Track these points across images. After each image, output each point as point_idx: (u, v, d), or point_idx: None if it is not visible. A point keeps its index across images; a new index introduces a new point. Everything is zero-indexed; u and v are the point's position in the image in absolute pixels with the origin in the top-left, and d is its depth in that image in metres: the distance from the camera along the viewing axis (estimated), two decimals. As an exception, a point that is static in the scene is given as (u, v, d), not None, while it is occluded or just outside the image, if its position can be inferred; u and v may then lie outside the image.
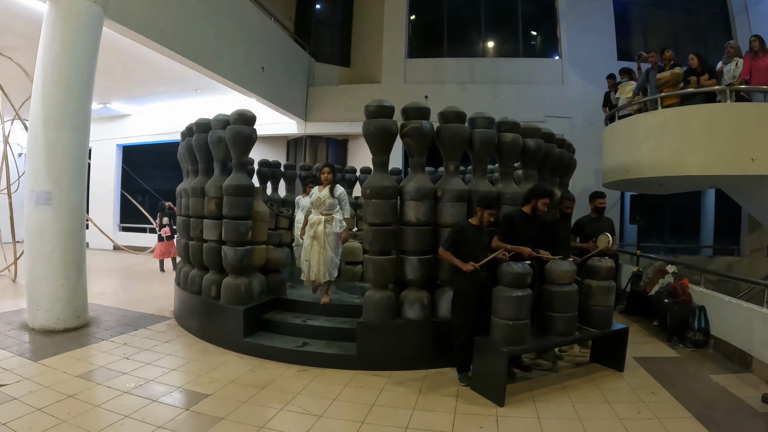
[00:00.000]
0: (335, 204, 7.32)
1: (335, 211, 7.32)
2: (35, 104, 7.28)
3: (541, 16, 16.51)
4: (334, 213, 7.31)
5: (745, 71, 8.92)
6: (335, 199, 7.30)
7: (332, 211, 7.30)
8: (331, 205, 7.28)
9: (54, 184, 7.22)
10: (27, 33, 8.96)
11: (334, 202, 7.31)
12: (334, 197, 7.28)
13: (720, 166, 8.82)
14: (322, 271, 7.17)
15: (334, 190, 7.31)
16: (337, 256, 7.43)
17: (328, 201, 7.26)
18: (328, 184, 7.30)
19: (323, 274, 7.18)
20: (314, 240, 7.22)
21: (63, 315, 7.27)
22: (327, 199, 7.25)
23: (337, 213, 7.33)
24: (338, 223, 7.33)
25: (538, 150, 7.04)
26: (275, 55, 14.28)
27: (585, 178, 13.51)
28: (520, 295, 5.18)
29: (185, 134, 8.23)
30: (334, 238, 7.27)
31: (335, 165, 9.18)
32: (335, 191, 7.31)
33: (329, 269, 7.22)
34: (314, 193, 7.42)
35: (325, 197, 7.26)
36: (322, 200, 7.27)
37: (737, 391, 5.56)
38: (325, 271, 7.19)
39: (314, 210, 7.37)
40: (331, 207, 7.29)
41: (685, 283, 7.93)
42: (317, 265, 7.18)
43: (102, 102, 16.26)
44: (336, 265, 7.41)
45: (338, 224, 7.33)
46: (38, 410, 4.57)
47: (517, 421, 4.78)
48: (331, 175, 7.30)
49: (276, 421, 4.63)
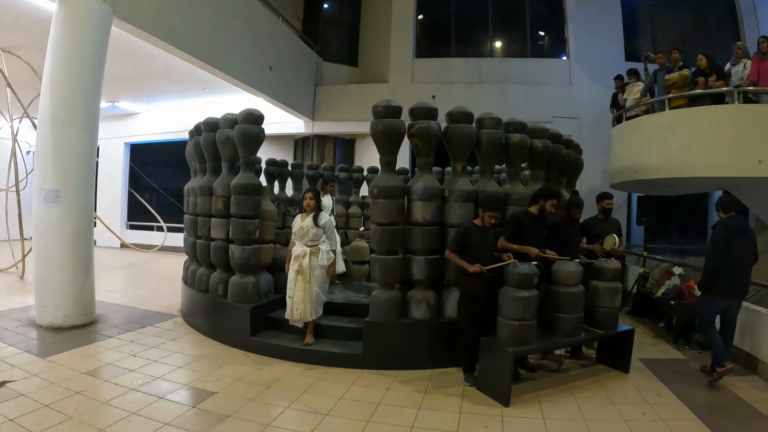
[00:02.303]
0: (320, 234, 6.62)
1: (321, 242, 6.64)
2: (44, 102, 7.32)
3: (549, 17, 16.45)
4: (320, 243, 6.62)
5: (753, 73, 8.88)
6: (320, 229, 6.60)
7: (317, 242, 6.61)
8: (315, 235, 6.59)
9: (62, 182, 7.27)
10: (36, 32, 9.00)
11: (319, 232, 6.60)
12: (318, 226, 6.58)
13: (727, 168, 8.78)
14: (308, 309, 6.46)
15: (318, 219, 6.60)
16: (324, 293, 6.69)
17: (312, 231, 6.56)
18: (312, 212, 6.62)
19: (309, 312, 6.48)
20: (299, 274, 6.50)
21: (71, 312, 7.32)
22: (311, 229, 6.57)
23: (323, 243, 6.66)
24: (324, 254, 6.63)
25: (546, 151, 7.03)
26: (283, 54, 14.29)
27: (592, 179, 13.46)
28: (526, 296, 5.18)
29: (193, 133, 8.25)
30: (320, 273, 6.57)
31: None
32: (319, 220, 6.60)
33: (315, 307, 6.53)
34: (296, 222, 6.75)
35: (308, 227, 6.58)
36: (305, 230, 6.58)
37: (743, 394, 5.55)
38: (312, 309, 6.49)
39: (298, 241, 6.68)
40: (316, 237, 6.60)
41: (691, 284, 7.88)
42: (301, 303, 6.45)
43: (110, 100, 16.30)
44: (322, 302, 6.67)
45: (325, 256, 6.63)
46: (46, 406, 4.61)
47: (523, 421, 4.79)
48: (313, 202, 6.63)
49: (282, 419, 4.65)
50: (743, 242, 5.87)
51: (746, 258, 5.89)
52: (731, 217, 6.01)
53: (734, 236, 5.81)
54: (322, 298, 6.63)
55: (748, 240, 5.94)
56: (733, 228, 5.87)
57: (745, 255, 5.86)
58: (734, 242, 5.78)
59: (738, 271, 5.86)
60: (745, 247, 5.87)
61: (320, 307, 6.63)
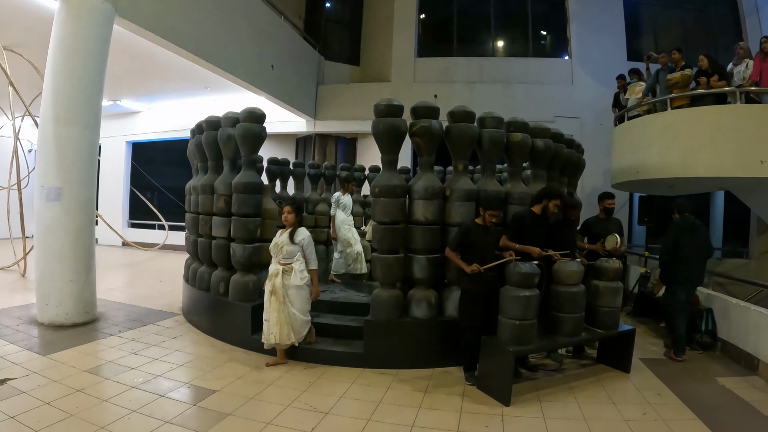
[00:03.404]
0: (295, 251, 6.08)
1: (294, 260, 6.09)
2: (46, 101, 7.33)
3: (551, 16, 16.45)
4: (293, 262, 6.08)
5: (755, 73, 8.87)
6: (296, 246, 6.08)
7: (291, 260, 6.08)
8: (289, 253, 6.08)
9: (64, 180, 7.29)
10: (38, 30, 9.00)
11: (294, 250, 6.08)
12: (294, 243, 6.08)
13: (729, 168, 8.78)
14: (285, 331, 5.99)
15: (296, 235, 6.11)
16: (305, 314, 6.16)
17: (287, 248, 6.07)
18: (290, 227, 6.18)
19: (286, 335, 6.00)
20: (272, 295, 6.03)
21: (72, 310, 7.33)
22: (285, 246, 6.08)
23: (297, 262, 6.09)
24: (298, 274, 6.07)
25: (547, 150, 7.03)
26: (285, 53, 14.30)
27: (594, 179, 13.46)
28: (527, 295, 5.18)
29: (195, 131, 8.26)
30: (295, 292, 6.04)
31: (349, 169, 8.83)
32: (296, 236, 6.10)
33: (295, 328, 6.06)
34: (275, 237, 6.33)
35: (283, 243, 6.11)
36: (279, 247, 6.13)
37: (744, 394, 5.55)
38: (289, 331, 6.01)
39: (273, 258, 6.23)
40: (290, 255, 6.08)
41: (693, 285, 7.92)
42: (276, 325, 5.98)
43: (112, 99, 16.34)
44: (305, 323, 6.19)
45: (298, 276, 6.07)
46: (46, 404, 4.61)
47: (523, 420, 4.79)
48: (292, 216, 6.16)
49: (283, 418, 4.65)
50: (694, 239, 6.76)
51: (698, 253, 6.82)
52: (684, 217, 6.92)
53: (685, 234, 6.75)
54: (302, 319, 6.13)
55: (700, 237, 6.84)
56: (683, 227, 6.82)
57: (696, 250, 6.78)
58: (685, 239, 6.66)
59: (691, 264, 6.77)
60: (695, 243, 6.75)
61: (304, 327, 6.19)
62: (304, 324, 6.19)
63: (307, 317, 6.22)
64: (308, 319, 6.24)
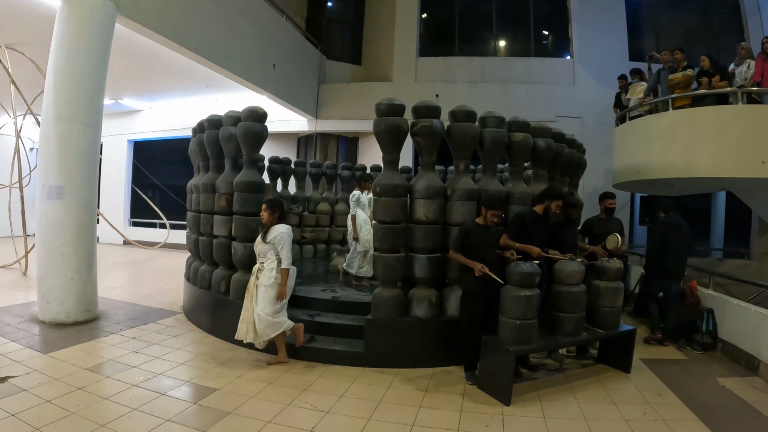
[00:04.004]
0: (268, 250, 5.93)
1: (267, 259, 5.95)
2: (48, 99, 7.34)
3: (553, 16, 16.45)
4: (266, 261, 5.96)
5: (756, 73, 8.86)
6: (268, 245, 5.91)
7: (264, 259, 5.98)
8: (262, 252, 5.98)
9: (66, 179, 7.29)
10: (40, 28, 8.99)
11: (267, 248, 5.93)
12: (266, 242, 5.92)
13: (730, 169, 8.78)
14: (243, 329, 5.97)
15: (268, 234, 5.92)
16: (273, 315, 5.89)
17: (259, 246, 6.01)
18: (267, 225, 6.02)
19: (244, 333, 5.95)
20: (247, 292, 6.06)
21: (73, 308, 7.34)
22: (259, 244, 6.03)
23: (269, 261, 5.94)
24: (267, 273, 5.91)
25: (548, 150, 7.04)
26: (286, 52, 14.30)
27: (595, 179, 13.47)
28: (528, 295, 5.18)
29: (196, 130, 8.27)
30: (263, 291, 5.89)
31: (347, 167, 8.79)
32: (269, 234, 5.91)
33: (258, 329, 5.89)
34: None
35: (258, 242, 6.07)
36: (255, 245, 6.13)
37: (744, 395, 5.55)
38: (248, 330, 5.92)
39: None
40: (263, 254, 5.98)
41: (693, 285, 7.90)
42: (242, 323, 5.99)
43: (113, 97, 16.35)
44: (272, 325, 5.90)
45: (267, 275, 5.90)
46: (47, 402, 4.63)
47: (523, 420, 4.79)
48: (266, 213, 5.98)
49: (283, 417, 4.66)
50: (677, 236, 7.24)
51: (681, 248, 7.31)
52: (669, 216, 7.52)
53: (670, 231, 7.23)
54: (268, 320, 5.87)
55: (683, 234, 7.32)
56: (668, 225, 7.36)
57: (679, 246, 7.26)
58: (670, 236, 7.07)
59: (673, 258, 7.24)
60: (679, 240, 7.24)
61: (270, 331, 5.91)
62: (271, 326, 5.90)
63: (276, 318, 5.91)
64: (277, 320, 5.91)
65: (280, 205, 6.15)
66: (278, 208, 6.07)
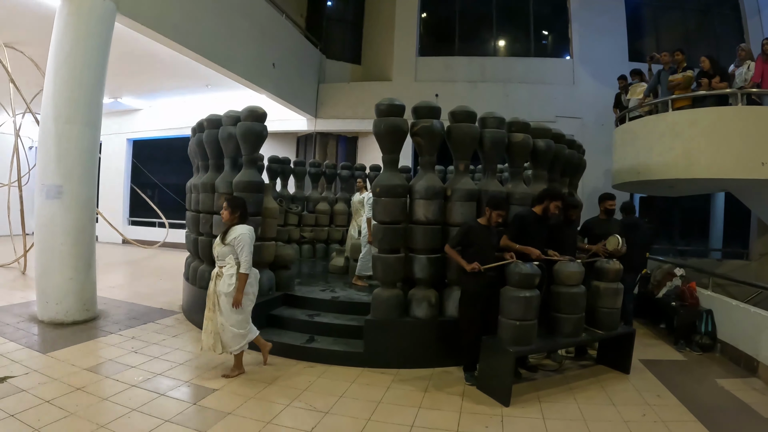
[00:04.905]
0: (227, 253, 5.41)
1: (227, 263, 5.43)
2: (47, 98, 7.33)
3: (553, 16, 16.44)
4: (225, 265, 5.44)
5: (756, 74, 8.85)
6: (227, 247, 5.40)
7: (224, 263, 5.46)
8: (221, 254, 5.47)
9: (64, 177, 7.27)
10: (39, 27, 8.98)
11: (225, 251, 5.41)
12: (225, 243, 5.41)
13: (730, 170, 8.78)
14: (210, 341, 5.49)
15: (228, 235, 5.43)
16: (238, 325, 5.46)
17: (217, 248, 5.50)
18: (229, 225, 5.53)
19: (212, 345, 5.49)
20: (208, 299, 5.54)
21: (72, 308, 7.32)
22: (217, 246, 5.51)
23: (228, 266, 5.41)
24: (227, 279, 5.37)
25: (548, 150, 7.04)
26: (286, 51, 14.29)
27: (595, 179, 13.46)
28: (527, 296, 5.18)
29: (196, 130, 8.27)
30: (225, 300, 5.38)
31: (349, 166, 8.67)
32: (228, 236, 5.41)
33: (223, 340, 5.47)
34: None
35: (216, 243, 5.56)
36: (214, 246, 5.61)
37: (743, 396, 5.55)
38: (216, 342, 5.47)
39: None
40: (222, 257, 5.46)
41: (692, 286, 7.91)
42: (205, 333, 5.54)
43: (113, 96, 16.34)
44: (237, 336, 5.47)
45: (226, 282, 5.37)
46: (46, 402, 4.61)
47: (523, 421, 4.79)
48: (226, 212, 5.50)
49: (282, 417, 4.66)
50: (635, 235, 7.35)
51: (638, 245, 7.40)
52: (628, 217, 8.00)
53: (630, 230, 7.24)
54: (233, 332, 5.45)
55: (640, 233, 7.66)
56: (628, 225, 7.57)
57: (636, 243, 7.28)
58: (629, 234, 6.90)
59: (634, 254, 7.16)
60: (636, 238, 7.31)
61: (235, 341, 5.49)
62: (237, 338, 5.48)
63: (242, 330, 5.51)
64: (241, 332, 5.49)
65: (242, 204, 5.65)
66: (240, 206, 5.57)
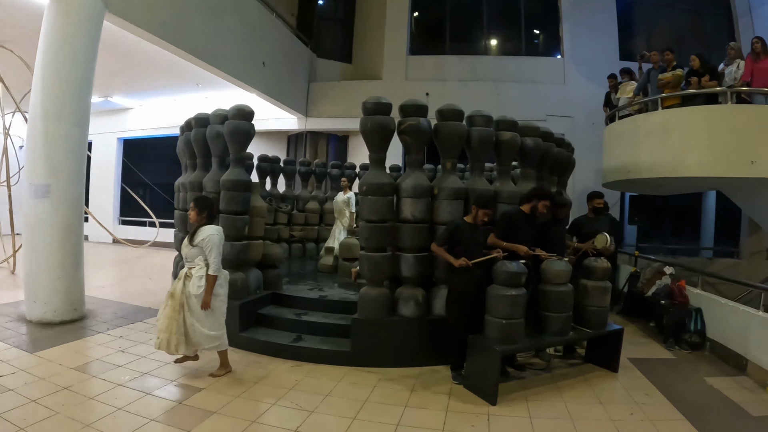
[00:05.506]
0: (195, 255, 5.31)
1: (195, 264, 5.33)
2: (35, 97, 7.29)
3: (544, 15, 16.43)
4: (194, 267, 5.34)
5: (746, 73, 8.89)
6: (196, 248, 5.29)
7: (192, 264, 5.35)
8: (189, 256, 5.35)
9: (53, 176, 7.24)
10: (28, 25, 8.95)
11: (194, 252, 5.31)
12: (193, 245, 5.30)
13: (720, 168, 8.80)
14: (172, 342, 5.24)
15: (196, 236, 5.31)
16: (208, 327, 5.33)
17: (185, 250, 5.38)
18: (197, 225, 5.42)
19: (174, 346, 5.26)
20: (170, 298, 5.32)
21: (60, 307, 7.29)
22: (185, 247, 5.38)
23: (197, 267, 5.31)
24: (196, 281, 5.25)
25: (537, 149, 7.05)
26: (277, 50, 14.26)
27: (585, 178, 13.49)
28: (514, 294, 5.18)
29: (184, 129, 8.26)
30: (196, 302, 5.26)
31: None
32: (196, 237, 5.30)
33: (194, 339, 5.36)
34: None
35: (184, 244, 5.41)
36: (182, 247, 5.47)
37: (732, 395, 5.57)
38: (179, 343, 5.27)
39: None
40: (190, 258, 5.35)
41: (682, 284, 7.93)
42: (165, 332, 5.26)
43: (103, 95, 16.30)
44: (210, 338, 5.37)
45: (195, 284, 5.25)
46: (33, 401, 4.60)
47: (509, 420, 4.79)
48: (194, 213, 5.40)
49: (268, 416, 4.65)
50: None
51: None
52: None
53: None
54: (207, 334, 5.34)
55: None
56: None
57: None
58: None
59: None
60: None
61: (207, 343, 5.41)
62: (209, 339, 5.37)
63: (215, 331, 5.40)
64: (214, 333, 5.38)
65: (210, 204, 5.57)
66: (207, 207, 5.47)
